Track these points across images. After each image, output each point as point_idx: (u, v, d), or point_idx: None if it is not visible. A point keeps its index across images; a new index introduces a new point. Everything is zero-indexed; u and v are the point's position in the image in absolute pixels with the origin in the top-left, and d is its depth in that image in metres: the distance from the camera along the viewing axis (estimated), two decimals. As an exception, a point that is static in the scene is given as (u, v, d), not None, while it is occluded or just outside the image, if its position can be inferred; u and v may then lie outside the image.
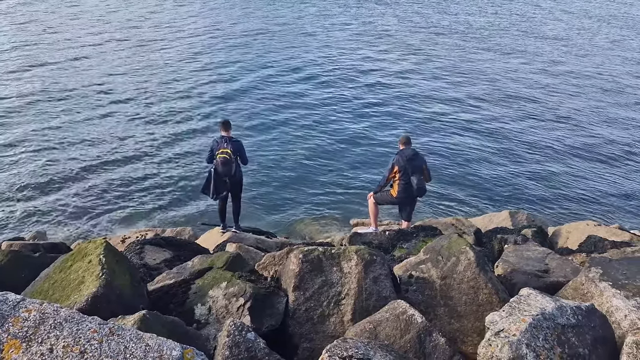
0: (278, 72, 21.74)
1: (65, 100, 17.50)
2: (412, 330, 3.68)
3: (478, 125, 16.94)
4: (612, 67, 24.30)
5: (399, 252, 6.70)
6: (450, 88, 20.53)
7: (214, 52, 24.36)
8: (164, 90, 18.83)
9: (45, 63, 21.40)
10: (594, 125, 17.42)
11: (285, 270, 4.50)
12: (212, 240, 8.82)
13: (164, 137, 15.30)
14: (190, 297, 4.46)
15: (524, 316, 3.41)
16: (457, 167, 14.13)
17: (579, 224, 8.37)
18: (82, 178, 12.79)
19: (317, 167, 13.87)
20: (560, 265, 5.46)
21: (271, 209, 11.92)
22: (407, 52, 25.64)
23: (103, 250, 4.27)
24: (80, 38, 25.34)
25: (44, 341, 2.68)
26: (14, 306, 2.85)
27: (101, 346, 2.70)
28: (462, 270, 4.35)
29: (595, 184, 13.58)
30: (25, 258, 5.28)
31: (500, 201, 12.57)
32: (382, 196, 8.73)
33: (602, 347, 3.49)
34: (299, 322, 4.15)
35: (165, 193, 12.37)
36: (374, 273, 4.31)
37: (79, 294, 3.93)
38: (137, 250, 6.68)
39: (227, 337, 3.38)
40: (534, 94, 20.19)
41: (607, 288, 4.13)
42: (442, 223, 8.45)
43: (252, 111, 17.55)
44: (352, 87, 20.30)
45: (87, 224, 11.10)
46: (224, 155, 8.40)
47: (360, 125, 16.61)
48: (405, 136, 8.64)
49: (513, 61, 24.58)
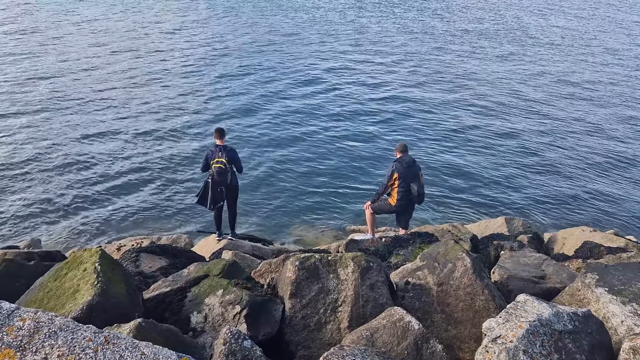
0: (275, 80, 21.79)
1: (61, 109, 17.48)
2: (409, 337, 3.67)
3: (474, 132, 17.02)
4: (610, 74, 24.47)
5: (395, 258, 6.69)
6: (446, 95, 20.63)
7: (212, 61, 24.42)
8: (158, 100, 18.83)
9: (46, 73, 21.38)
10: (590, 131, 17.52)
11: (282, 278, 4.48)
12: (208, 247, 8.79)
13: (159, 145, 15.29)
14: (186, 305, 4.43)
15: (521, 322, 3.41)
16: (453, 173, 14.16)
17: (574, 230, 8.39)
18: (78, 186, 12.76)
19: (313, 175, 13.87)
20: (557, 271, 5.47)
21: (267, 216, 11.91)
22: (405, 59, 25.78)
23: (98, 258, 4.25)
24: (80, 48, 25.34)
25: (39, 350, 2.65)
26: (8, 315, 2.83)
27: (96, 355, 2.67)
28: (459, 276, 4.35)
29: (590, 191, 13.64)
30: (19, 266, 5.24)
31: (496, 207, 12.61)
32: (380, 205, 8.66)
33: (598, 353, 3.49)
34: (295, 329, 4.14)
35: (161, 201, 12.34)
36: (371, 280, 4.31)
37: (74, 302, 3.91)
38: (132, 258, 6.66)
39: (224, 345, 3.36)
40: (530, 101, 20.32)
41: (604, 294, 4.14)
42: (439, 229, 8.45)
43: (247, 119, 17.57)
44: (349, 94, 20.37)
45: (82, 232, 11.05)
46: (219, 165, 8.37)
47: (357, 133, 16.65)
48: (402, 144, 8.64)
49: (511, 68, 24.74)
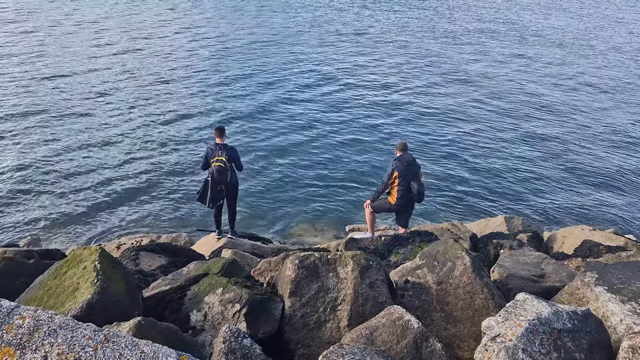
0: (275, 79, 21.78)
1: (63, 110, 17.45)
2: (409, 335, 3.67)
3: (474, 131, 17.01)
4: (611, 72, 24.46)
5: (395, 257, 6.69)
6: (446, 94, 20.63)
7: (216, 61, 24.39)
8: (160, 101, 18.80)
9: (47, 74, 21.35)
10: (590, 130, 17.52)
11: (281, 276, 4.48)
12: (208, 246, 8.79)
13: (158, 144, 15.28)
14: (186, 303, 4.44)
15: (520, 321, 3.41)
16: (452, 172, 14.17)
17: (574, 228, 8.39)
18: (77, 184, 12.75)
19: (313, 173, 13.87)
20: (556, 270, 5.48)
21: (267, 215, 11.91)
22: (406, 57, 25.76)
23: (98, 256, 4.25)
24: (82, 48, 25.31)
25: (38, 348, 2.65)
26: (7, 313, 2.83)
27: (96, 353, 2.68)
28: (458, 275, 4.36)
29: (590, 189, 13.65)
30: (19, 265, 5.24)
31: (495, 206, 12.61)
32: (380, 204, 8.65)
33: (598, 352, 3.49)
34: (295, 328, 4.14)
35: (161, 199, 12.34)
36: (370, 278, 4.31)
37: (73, 300, 3.91)
38: (132, 256, 6.66)
39: (223, 344, 3.36)
40: (529, 100, 20.32)
41: (603, 292, 4.15)
42: (438, 228, 8.45)
43: (247, 117, 17.57)
44: (349, 93, 20.35)
45: (81, 230, 11.04)
46: (219, 164, 8.37)
47: (357, 131, 16.65)
48: (402, 142, 8.58)
49: (511, 67, 24.73)
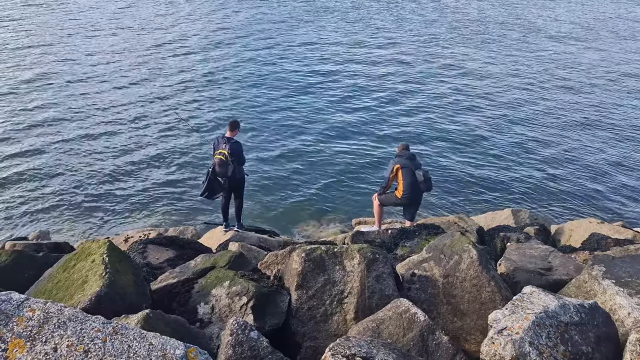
0: (282, 74, 21.72)
1: (70, 105, 17.51)
2: (415, 328, 3.68)
3: (481, 124, 16.92)
4: (616, 65, 24.21)
5: (401, 250, 6.69)
6: (452, 88, 20.50)
7: (216, 54, 24.37)
8: (168, 96, 18.82)
9: (54, 69, 21.40)
10: (597, 122, 17.37)
11: (288, 269, 4.50)
12: (215, 239, 8.82)
13: (167, 138, 15.31)
14: (193, 296, 4.47)
15: (527, 314, 3.41)
16: (459, 165, 14.11)
17: (581, 221, 8.35)
18: (85, 178, 12.83)
19: (319, 167, 13.86)
20: (563, 263, 5.46)
21: (274, 208, 11.93)
22: (409, 53, 25.62)
23: (106, 249, 4.29)
24: (84, 46, 25.32)
25: (48, 340, 2.69)
26: (18, 305, 2.86)
27: (105, 345, 2.71)
28: (465, 268, 4.35)
29: (598, 182, 13.55)
30: (28, 258, 5.30)
31: (502, 199, 12.55)
32: (387, 198, 8.73)
33: (605, 345, 3.48)
34: (301, 320, 4.16)
35: (168, 193, 12.39)
36: (377, 271, 4.32)
37: (82, 293, 3.95)
38: (140, 249, 6.70)
39: (230, 336, 3.39)
40: (535, 92, 20.15)
41: (611, 286, 4.13)
42: (445, 221, 8.44)
43: (254, 111, 17.56)
44: (355, 88, 20.28)
45: (90, 224, 11.13)
46: (220, 157, 8.43)
47: (364, 126, 16.59)
48: (404, 143, 8.92)
49: (516, 61, 24.51)
